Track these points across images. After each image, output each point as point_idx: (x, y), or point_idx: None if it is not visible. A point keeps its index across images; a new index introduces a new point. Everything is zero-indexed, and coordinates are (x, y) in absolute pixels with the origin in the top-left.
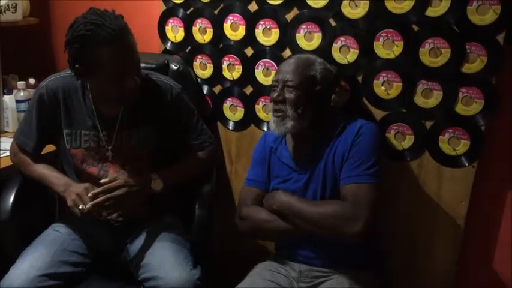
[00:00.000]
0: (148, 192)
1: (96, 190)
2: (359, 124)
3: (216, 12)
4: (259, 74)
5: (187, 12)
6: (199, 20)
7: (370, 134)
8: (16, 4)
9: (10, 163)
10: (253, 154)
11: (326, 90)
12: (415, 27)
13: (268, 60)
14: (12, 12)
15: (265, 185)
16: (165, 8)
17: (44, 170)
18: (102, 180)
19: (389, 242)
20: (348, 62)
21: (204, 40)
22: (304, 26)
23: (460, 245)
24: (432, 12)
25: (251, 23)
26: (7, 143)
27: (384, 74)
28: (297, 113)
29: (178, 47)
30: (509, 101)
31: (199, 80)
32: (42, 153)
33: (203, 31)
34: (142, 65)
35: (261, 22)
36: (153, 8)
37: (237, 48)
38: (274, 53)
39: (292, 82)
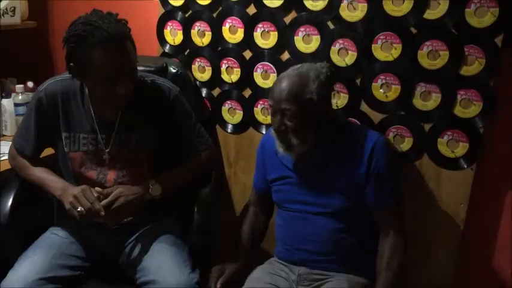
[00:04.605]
0: (148, 198)
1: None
2: (372, 139)
3: (214, 15)
4: (258, 77)
5: (186, 15)
6: (197, 23)
7: (387, 151)
8: (14, 7)
9: (9, 167)
10: (256, 157)
11: (325, 103)
12: (414, 30)
13: (267, 63)
14: (11, 16)
15: (264, 188)
16: (163, 11)
17: (41, 174)
18: (97, 189)
19: None
20: (347, 64)
21: (203, 43)
22: (302, 29)
23: (460, 247)
24: (430, 14)
25: (249, 26)
26: (6, 146)
27: (382, 77)
28: (300, 139)
29: (176, 50)
30: (508, 103)
31: (197, 83)
32: (40, 156)
33: (202, 34)
34: (141, 68)
35: (260, 25)
36: (151, 11)
37: (236, 51)
38: (273, 55)
39: (289, 112)
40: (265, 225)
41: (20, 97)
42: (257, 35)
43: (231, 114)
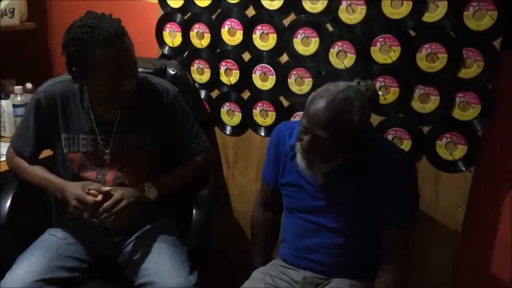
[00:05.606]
0: (144, 201)
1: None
2: (398, 158)
3: (213, 17)
4: (257, 79)
5: (185, 17)
6: (196, 25)
7: (410, 172)
8: (13, 9)
9: (7, 168)
10: (267, 150)
11: (363, 131)
12: (412, 33)
13: (266, 65)
14: (10, 17)
15: (275, 187)
16: (162, 12)
17: (39, 174)
18: (96, 197)
19: None
20: (345, 67)
21: (202, 45)
22: (301, 31)
23: (457, 250)
24: (429, 17)
25: (248, 28)
26: (4, 148)
27: (381, 79)
28: (325, 161)
29: (175, 51)
30: (506, 106)
31: (196, 84)
32: (39, 158)
33: (200, 36)
34: (140, 69)
35: (258, 27)
36: (150, 13)
37: (235, 53)
38: (272, 57)
39: (323, 139)
40: (278, 226)
41: (18, 98)
42: (256, 37)
43: (230, 116)
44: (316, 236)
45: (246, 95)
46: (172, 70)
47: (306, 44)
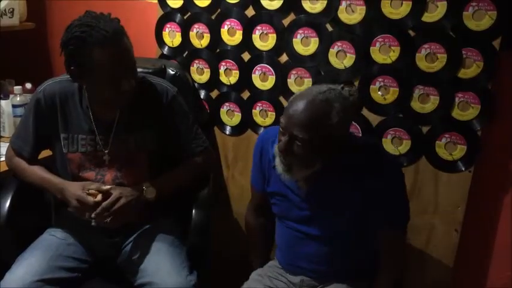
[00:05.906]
0: (143, 201)
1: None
2: (381, 163)
3: (213, 17)
4: (256, 79)
5: (185, 17)
6: (196, 25)
7: (399, 177)
8: (13, 9)
9: (7, 168)
10: (253, 157)
11: (343, 135)
12: (412, 33)
13: (265, 65)
14: (9, 17)
15: (263, 190)
16: (162, 12)
17: (38, 174)
18: (96, 197)
19: None
20: (345, 67)
21: (201, 45)
22: (301, 31)
23: (457, 251)
24: (428, 17)
25: (248, 28)
26: (4, 148)
27: (380, 79)
28: (304, 166)
29: (175, 51)
30: (506, 106)
31: (196, 84)
32: (38, 158)
33: (200, 36)
34: (139, 69)
35: (258, 27)
36: (150, 13)
37: (234, 53)
38: (271, 58)
39: (300, 140)
40: (273, 229)
41: (18, 98)
42: (256, 37)
43: (230, 116)
44: (304, 244)
45: (245, 95)
46: (171, 70)
47: (305, 44)
